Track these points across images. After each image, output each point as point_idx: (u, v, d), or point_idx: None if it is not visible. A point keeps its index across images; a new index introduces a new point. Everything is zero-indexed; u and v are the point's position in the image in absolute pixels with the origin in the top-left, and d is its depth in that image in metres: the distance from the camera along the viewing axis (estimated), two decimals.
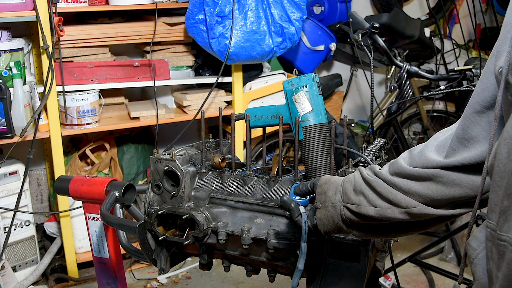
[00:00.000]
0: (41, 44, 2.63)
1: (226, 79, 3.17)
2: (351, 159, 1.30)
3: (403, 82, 2.70)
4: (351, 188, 1.09)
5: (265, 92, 3.31)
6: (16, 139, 2.66)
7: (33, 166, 3.30)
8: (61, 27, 2.65)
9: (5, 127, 2.63)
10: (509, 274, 0.79)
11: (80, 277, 3.03)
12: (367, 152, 1.41)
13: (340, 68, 4.28)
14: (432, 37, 3.83)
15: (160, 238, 1.37)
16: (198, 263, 1.51)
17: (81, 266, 3.06)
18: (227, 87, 3.23)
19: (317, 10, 3.99)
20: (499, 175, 0.82)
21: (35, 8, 2.57)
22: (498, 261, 0.82)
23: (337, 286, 1.25)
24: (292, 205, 1.17)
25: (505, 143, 0.82)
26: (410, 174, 0.99)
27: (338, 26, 3.67)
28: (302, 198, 1.19)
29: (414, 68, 2.67)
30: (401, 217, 1.02)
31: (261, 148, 3.35)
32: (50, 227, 3.14)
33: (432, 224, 1.08)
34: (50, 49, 2.65)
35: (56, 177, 2.63)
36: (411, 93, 2.74)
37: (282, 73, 3.40)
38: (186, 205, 1.38)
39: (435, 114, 3.97)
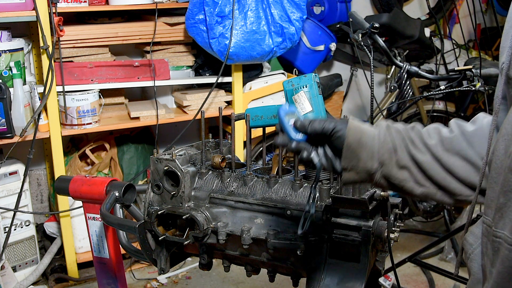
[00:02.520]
0: (41, 44, 2.63)
1: (226, 79, 3.17)
2: None
3: (403, 82, 2.70)
4: (394, 161, 1.00)
5: (265, 92, 3.31)
6: (16, 139, 2.66)
7: (33, 166, 3.30)
8: (61, 27, 2.65)
9: (5, 127, 2.63)
10: (503, 271, 0.80)
11: (80, 277, 3.03)
12: None
13: (340, 68, 4.28)
14: (432, 37, 3.83)
15: (160, 238, 1.37)
16: (198, 263, 1.51)
17: (81, 266, 3.06)
18: (227, 87, 3.23)
19: (317, 10, 3.99)
20: (495, 171, 0.83)
21: (35, 8, 2.57)
22: (492, 257, 0.82)
23: (337, 286, 1.24)
24: (305, 155, 1.04)
25: (503, 140, 0.82)
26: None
27: (338, 26, 3.67)
28: (302, 135, 1.06)
29: (414, 68, 2.67)
30: (448, 201, 1.00)
31: (261, 148, 3.35)
32: (50, 227, 3.14)
33: None
34: (50, 49, 2.65)
35: (56, 177, 2.63)
36: (411, 93, 2.74)
37: (282, 73, 3.40)
38: (186, 205, 1.38)
39: (435, 114, 3.97)
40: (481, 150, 0.95)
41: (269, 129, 1.51)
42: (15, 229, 2.87)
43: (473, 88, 2.48)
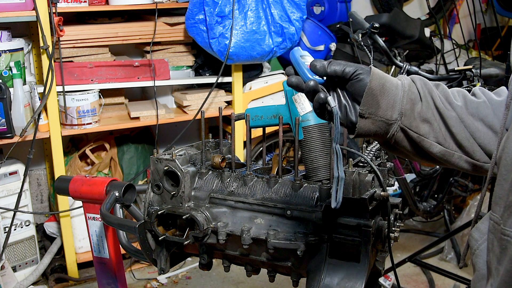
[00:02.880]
0: (41, 44, 2.63)
1: (226, 79, 3.17)
2: (351, 159, 1.29)
3: None
4: (416, 112, 0.94)
5: (265, 92, 3.31)
6: (16, 139, 2.66)
7: (33, 166, 3.30)
8: (61, 27, 2.65)
9: (5, 127, 2.63)
10: (511, 269, 0.79)
11: (80, 277, 3.03)
12: (367, 152, 1.42)
13: None
14: (432, 37, 3.83)
15: (160, 238, 1.37)
16: (198, 263, 1.51)
17: (81, 266, 3.06)
18: (227, 87, 3.23)
19: (317, 10, 3.99)
20: (505, 168, 0.82)
21: (35, 8, 2.57)
22: (499, 255, 0.82)
23: (337, 286, 1.24)
24: (322, 95, 0.94)
25: None
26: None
27: (338, 26, 3.67)
28: (319, 78, 0.97)
29: (414, 68, 2.67)
30: (464, 166, 0.97)
31: (261, 148, 3.35)
32: (50, 227, 3.13)
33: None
34: (50, 49, 2.65)
35: (56, 177, 2.63)
36: None
37: (282, 73, 3.40)
38: (186, 205, 1.38)
39: None
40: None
41: (269, 129, 1.51)
42: (15, 229, 2.87)
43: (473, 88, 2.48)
